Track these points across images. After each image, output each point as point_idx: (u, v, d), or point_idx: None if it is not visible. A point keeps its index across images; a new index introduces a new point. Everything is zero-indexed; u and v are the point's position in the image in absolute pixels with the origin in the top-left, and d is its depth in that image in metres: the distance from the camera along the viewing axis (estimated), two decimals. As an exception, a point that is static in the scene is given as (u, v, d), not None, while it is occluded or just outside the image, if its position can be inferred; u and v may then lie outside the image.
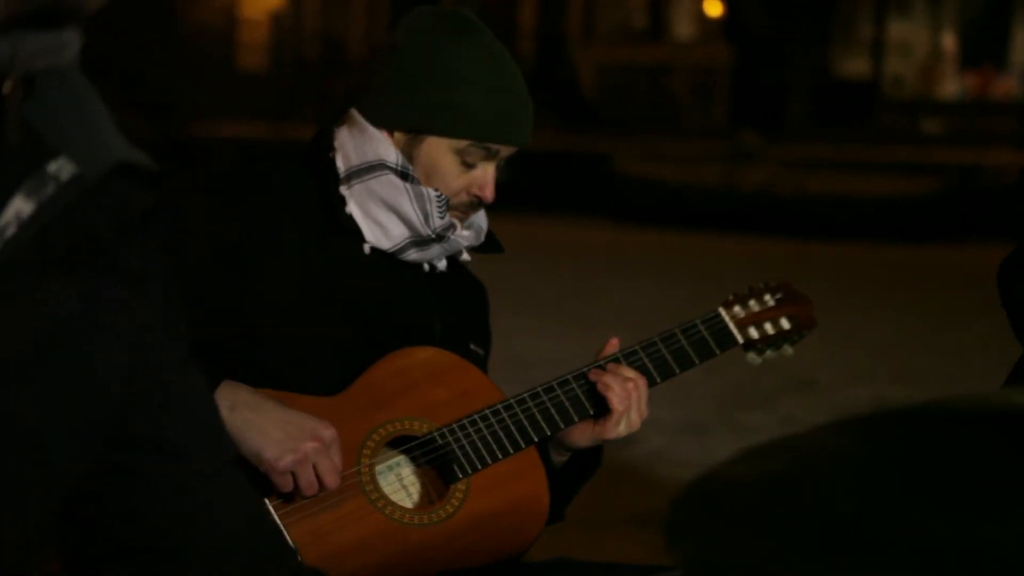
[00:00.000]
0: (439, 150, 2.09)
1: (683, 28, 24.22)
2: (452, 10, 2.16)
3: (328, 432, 1.95)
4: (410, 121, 2.10)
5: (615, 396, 2.10)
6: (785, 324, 2.23)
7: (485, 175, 2.12)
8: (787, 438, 0.93)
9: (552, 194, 15.63)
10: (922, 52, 23.20)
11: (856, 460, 0.89)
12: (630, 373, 2.13)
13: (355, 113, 2.13)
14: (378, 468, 2.05)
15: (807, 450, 0.91)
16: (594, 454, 2.22)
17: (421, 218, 2.09)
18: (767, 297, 2.25)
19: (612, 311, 9.44)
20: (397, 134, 2.11)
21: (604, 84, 22.28)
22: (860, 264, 13.56)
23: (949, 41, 23.19)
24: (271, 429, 1.90)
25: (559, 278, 10.46)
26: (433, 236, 2.11)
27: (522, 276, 9.51)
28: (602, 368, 2.14)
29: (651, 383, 2.17)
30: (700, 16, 23.96)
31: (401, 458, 2.08)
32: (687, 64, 23.01)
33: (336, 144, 2.13)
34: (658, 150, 18.18)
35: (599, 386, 2.12)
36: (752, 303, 2.24)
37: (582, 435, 2.15)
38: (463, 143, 2.08)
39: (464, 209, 2.15)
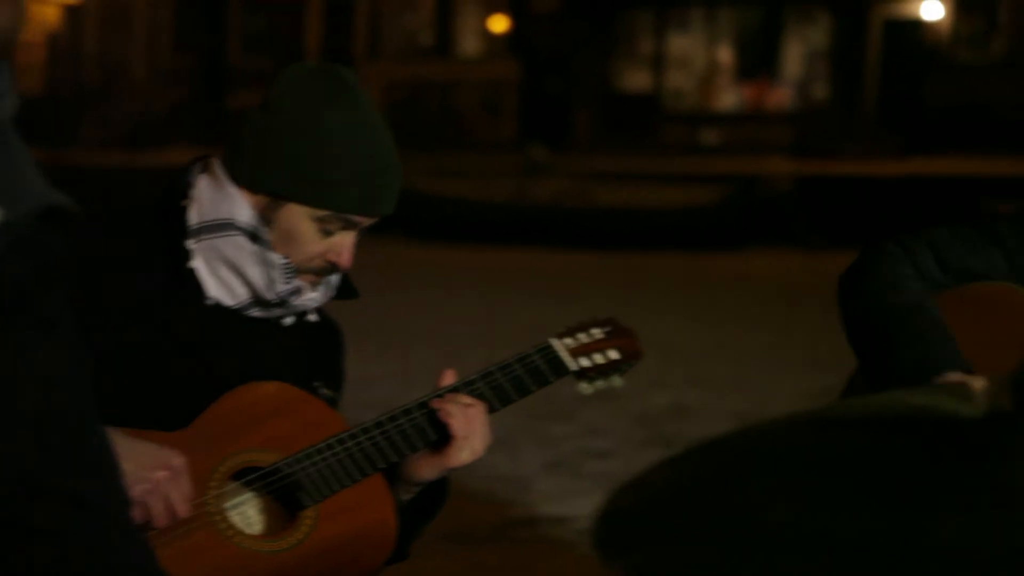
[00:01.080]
0: (299, 216, 2.09)
1: (469, 44, 24.43)
2: (329, 70, 2.14)
3: (178, 461, 1.97)
4: (274, 186, 2.09)
5: (456, 423, 2.14)
6: (614, 355, 2.32)
7: (343, 243, 2.12)
8: (705, 444, 1.01)
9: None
10: (700, 65, 23.88)
11: (780, 465, 0.97)
12: (469, 400, 2.17)
13: (217, 166, 2.13)
14: (226, 499, 2.07)
15: (728, 456, 0.99)
16: (440, 488, 2.25)
17: (265, 283, 2.10)
18: (595, 330, 2.33)
19: (410, 326, 9.51)
20: (259, 195, 2.11)
21: (392, 101, 22.30)
22: (648, 273, 13.89)
23: (725, 54, 23.91)
24: (121, 461, 1.91)
25: (359, 299, 10.44)
26: (276, 301, 2.13)
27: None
28: (442, 397, 2.18)
29: (491, 410, 2.22)
30: (485, 32, 24.21)
31: (248, 489, 2.11)
32: (475, 80, 23.23)
33: (192, 194, 2.12)
34: (449, 166, 18.28)
35: (440, 414, 2.16)
36: (581, 335, 2.32)
37: (428, 466, 2.19)
38: (325, 213, 2.09)
39: (318, 273, 2.16)
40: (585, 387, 2.32)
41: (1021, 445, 0.90)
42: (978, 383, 1.87)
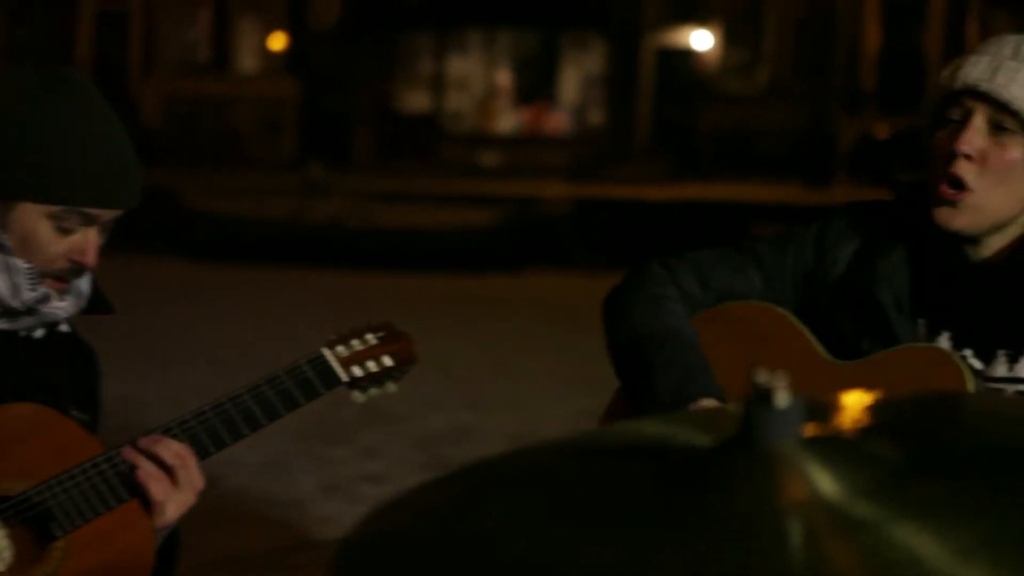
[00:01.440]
0: (33, 216, 1.98)
1: (247, 61, 24.16)
2: (47, 68, 2.04)
3: None
4: None
5: (154, 487, 2.00)
6: (388, 361, 2.27)
7: (85, 240, 2.02)
8: (441, 479, 1.03)
9: (115, 232, 15.24)
10: (479, 88, 24.13)
11: (519, 494, 1.00)
12: (169, 454, 2.03)
13: None
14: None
15: (468, 485, 1.02)
16: (170, 538, 2.13)
17: (10, 291, 2.00)
18: (369, 336, 2.28)
19: (191, 348, 9.34)
20: None
21: (168, 117, 21.89)
22: (425, 294, 13.95)
23: (504, 78, 24.24)
24: None
25: (133, 318, 10.24)
26: (23, 310, 2.02)
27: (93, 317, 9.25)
28: (137, 450, 2.03)
29: (255, 427, 2.15)
30: (264, 49, 23.98)
31: (-6, 520, 2.01)
32: (253, 97, 22.97)
33: None
34: (226, 184, 18.02)
35: (138, 475, 2.01)
36: (355, 342, 2.26)
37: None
38: (57, 208, 1.98)
39: (64, 276, 2.04)
40: (358, 396, 2.27)
41: (741, 474, 0.95)
42: (728, 410, 1.96)
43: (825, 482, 0.94)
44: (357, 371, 2.26)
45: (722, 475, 0.96)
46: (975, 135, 1.99)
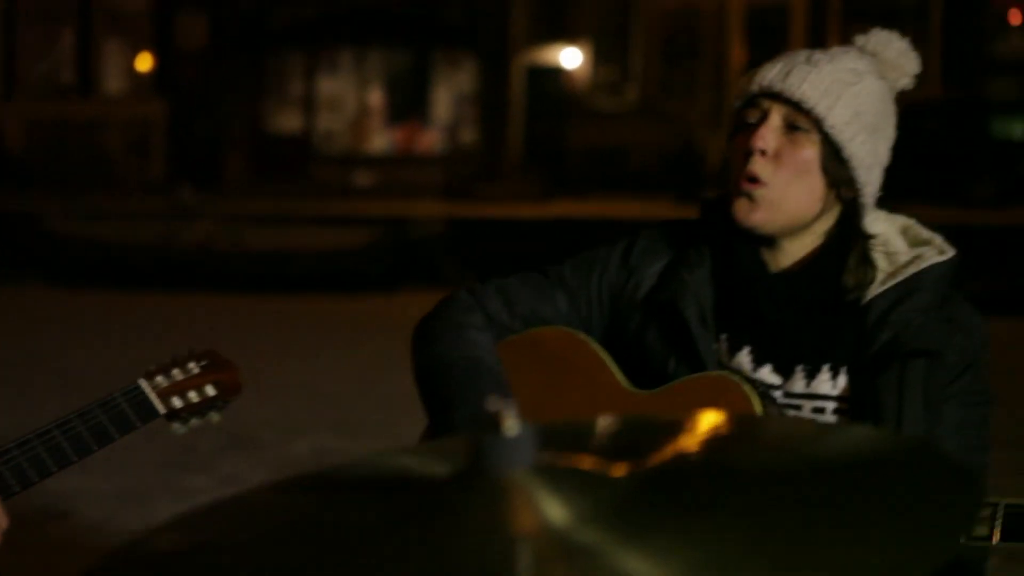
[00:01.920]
0: None
1: (113, 83, 23.80)
2: None
3: None
4: None
5: None
6: (210, 391, 2.25)
7: None
8: (191, 514, 1.03)
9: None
10: (351, 108, 24.06)
11: (260, 528, 1.00)
12: None
13: None
14: None
15: (217, 524, 1.02)
16: None
17: None
18: (191, 365, 2.25)
19: (58, 377, 9.16)
20: None
21: (32, 141, 21.48)
22: (299, 316, 13.85)
23: (376, 97, 24.19)
24: None
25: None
26: None
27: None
28: None
29: (64, 464, 2.11)
30: (131, 71, 23.65)
31: None
32: (120, 119, 22.62)
33: None
34: (94, 208, 17.75)
35: None
36: (176, 372, 2.23)
37: None
38: None
39: None
40: (178, 427, 2.24)
41: (471, 504, 0.96)
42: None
43: (553, 509, 0.96)
44: (177, 402, 2.22)
45: (454, 506, 0.97)
46: (769, 132, 2.03)
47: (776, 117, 2.04)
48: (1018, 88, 20.70)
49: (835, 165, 2.04)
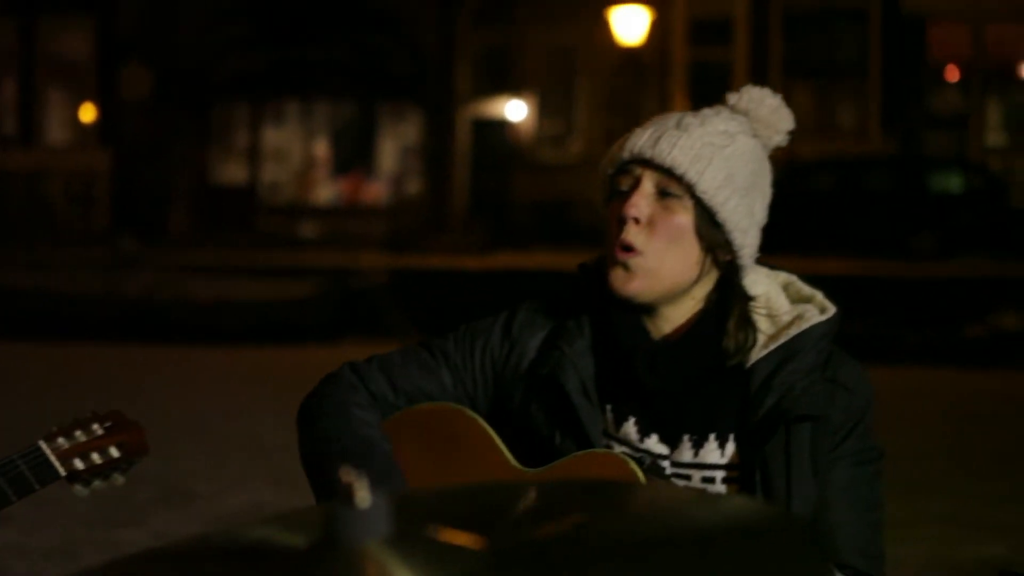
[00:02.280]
0: None
1: (56, 133, 23.71)
2: None
3: None
4: None
5: None
6: (114, 452, 2.22)
7: None
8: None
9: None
10: (297, 159, 24.09)
11: None
12: None
13: None
14: None
15: None
16: None
17: None
18: (95, 426, 2.23)
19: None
20: None
21: (-25, 192, 21.36)
22: (241, 368, 13.78)
23: (321, 148, 24.23)
24: None
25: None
26: None
27: None
28: None
29: None
30: (74, 121, 23.57)
31: None
32: (63, 169, 22.52)
33: None
34: (36, 258, 17.63)
35: None
36: (78, 433, 2.21)
37: None
38: None
39: None
40: (80, 489, 2.21)
41: (321, 574, 0.98)
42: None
43: (407, 579, 0.97)
44: (78, 463, 2.20)
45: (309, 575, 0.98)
46: (641, 199, 2.01)
47: (648, 184, 2.02)
48: (955, 142, 21.02)
49: (710, 229, 2.01)
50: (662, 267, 2.01)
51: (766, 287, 2.09)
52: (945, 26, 21.11)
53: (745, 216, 2.03)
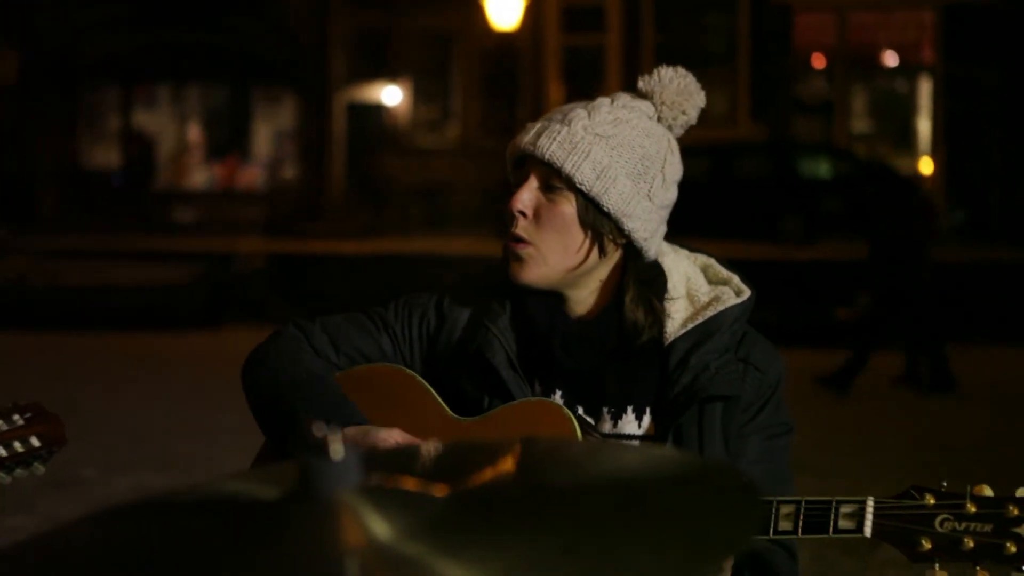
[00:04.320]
0: None
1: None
2: None
3: None
4: None
5: None
6: (35, 442, 2.27)
7: None
8: (18, 545, 1.09)
9: None
10: (170, 143, 23.76)
11: (89, 558, 1.08)
12: None
13: None
14: None
15: (41, 554, 1.09)
16: None
17: None
18: (16, 417, 2.29)
19: None
20: None
21: None
22: (119, 353, 13.61)
23: (195, 132, 23.94)
24: None
25: None
26: None
27: None
28: None
29: None
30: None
31: None
32: (-73, 154, 21.97)
33: None
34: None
35: None
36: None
37: None
38: None
39: None
40: (2, 477, 2.25)
41: (300, 523, 1.06)
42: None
43: (378, 526, 1.06)
44: (1, 451, 2.25)
45: (283, 525, 1.07)
46: (527, 194, 2.12)
47: (534, 179, 2.12)
48: (822, 128, 21.50)
49: (595, 217, 2.10)
50: (551, 255, 2.12)
51: (685, 268, 2.21)
52: (811, 14, 21.57)
53: (635, 201, 2.11)
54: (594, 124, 2.12)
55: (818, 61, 21.92)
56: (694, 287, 2.20)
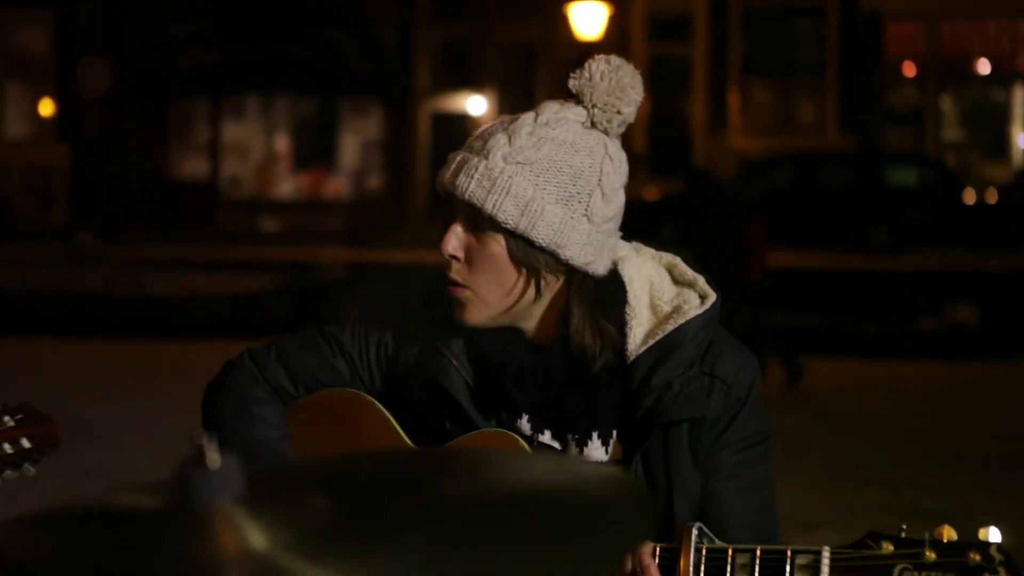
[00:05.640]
0: None
1: (15, 128, 23.63)
2: None
3: None
4: None
5: None
6: (25, 444, 2.26)
7: None
8: None
9: None
10: (257, 154, 24.07)
11: None
12: None
13: None
14: None
15: None
16: None
17: None
18: (6, 418, 2.27)
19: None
20: None
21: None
22: (200, 362, 13.73)
23: (282, 143, 24.23)
24: None
25: None
26: None
27: None
28: None
29: None
30: (33, 116, 23.50)
31: None
32: (22, 164, 22.46)
33: None
34: (-7, 253, 17.60)
35: None
36: None
37: None
38: None
39: None
40: None
41: (178, 533, 1.03)
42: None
43: (255, 536, 1.03)
44: None
45: (163, 534, 1.04)
46: (453, 237, 1.99)
47: (459, 219, 1.99)
48: (912, 137, 21.22)
49: (527, 253, 1.97)
50: (489, 296, 1.99)
51: (648, 272, 2.07)
52: (902, 23, 21.31)
53: (568, 227, 1.96)
54: (514, 151, 1.95)
55: (909, 70, 21.63)
56: (657, 294, 2.06)
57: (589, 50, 21.61)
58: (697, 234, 10.30)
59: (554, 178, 1.96)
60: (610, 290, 2.04)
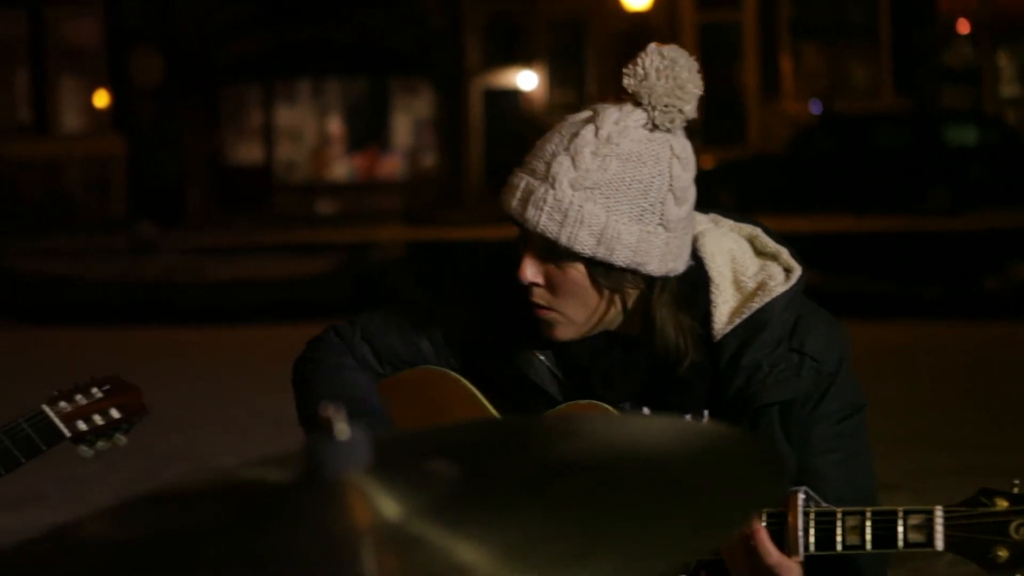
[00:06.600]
0: None
1: (71, 120, 23.83)
2: None
3: None
4: None
5: None
6: (115, 414, 2.33)
7: None
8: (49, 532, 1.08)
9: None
10: (311, 137, 24.15)
11: (113, 546, 1.06)
12: None
13: None
14: None
15: (56, 540, 1.08)
16: None
17: None
18: (94, 390, 2.34)
19: (13, 414, 9.16)
20: None
21: (-8, 181, 21.53)
22: (262, 346, 13.85)
23: (335, 125, 24.30)
24: None
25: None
26: None
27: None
28: None
29: None
30: (88, 108, 23.68)
31: None
32: (79, 157, 22.65)
33: None
34: (56, 246, 17.76)
35: None
36: (79, 397, 2.32)
37: None
38: None
39: None
40: (85, 450, 2.32)
41: (309, 505, 1.03)
42: None
43: (387, 505, 1.03)
44: (82, 425, 2.31)
45: (292, 508, 1.04)
46: (530, 266, 1.97)
47: (533, 249, 1.96)
48: (969, 96, 20.95)
49: (608, 275, 1.95)
50: (576, 316, 1.98)
51: (729, 246, 2.05)
52: (954, -21, 21.04)
53: (646, 242, 1.93)
54: (580, 175, 1.91)
55: (963, 27, 21.34)
56: (740, 268, 2.02)
57: (638, 20, 21.53)
58: None
59: (625, 197, 1.92)
60: (691, 279, 2.01)
